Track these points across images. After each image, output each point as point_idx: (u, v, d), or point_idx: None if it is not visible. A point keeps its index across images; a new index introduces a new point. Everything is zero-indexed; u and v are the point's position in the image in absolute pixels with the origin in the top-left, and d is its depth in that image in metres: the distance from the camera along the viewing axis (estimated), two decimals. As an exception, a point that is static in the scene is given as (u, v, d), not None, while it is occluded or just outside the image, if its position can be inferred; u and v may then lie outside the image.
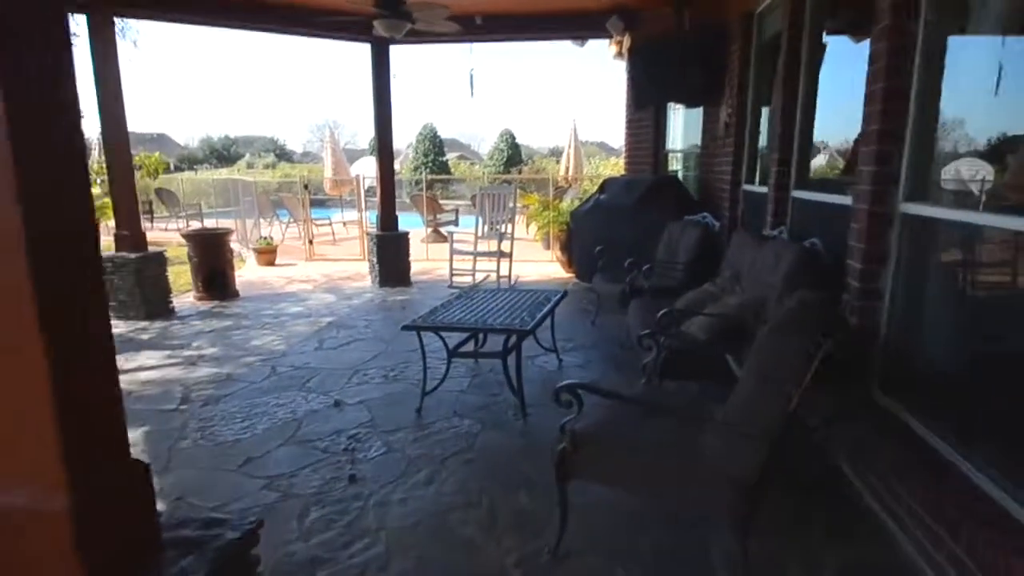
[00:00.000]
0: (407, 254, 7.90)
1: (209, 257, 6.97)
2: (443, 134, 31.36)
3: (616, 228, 6.52)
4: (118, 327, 5.89)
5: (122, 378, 4.36)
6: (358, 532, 2.60)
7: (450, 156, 32.82)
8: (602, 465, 2.16)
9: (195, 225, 14.05)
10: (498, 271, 7.34)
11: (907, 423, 2.50)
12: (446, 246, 7.98)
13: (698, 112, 6.72)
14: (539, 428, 3.61)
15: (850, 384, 2.66)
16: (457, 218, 12.72)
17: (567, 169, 15.41)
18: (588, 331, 5.66)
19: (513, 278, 7.65)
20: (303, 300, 7.04)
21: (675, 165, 8.04)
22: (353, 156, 22.28)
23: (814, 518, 2.55)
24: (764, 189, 4.59)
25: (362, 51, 7.34)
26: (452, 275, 7.51)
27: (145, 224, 13.96)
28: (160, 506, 2.90)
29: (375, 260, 7.73)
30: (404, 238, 7.85)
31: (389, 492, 2.91)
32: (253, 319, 6.17)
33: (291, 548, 2.51)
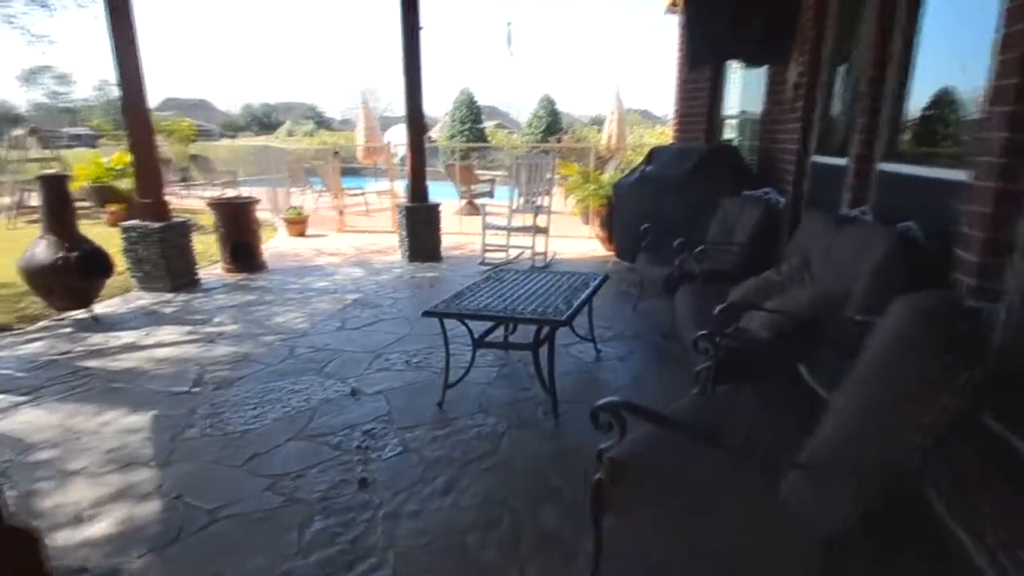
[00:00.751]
0: (438, 227, 7.54)
1: (235, 228, 6.74)
2: (481, 101, 30.70)
3: (664, 203, 6.01)
4: (143, 298, 5.73)
5: (138, 355, 4.16)
6: (364, 550, 2.29)
7: (488, 124, 32.19)
8: (645, 505, 1.78)
9: (230, 193, 13.99)
10: (533, 247, 6.93)
11: None
12: (480, 219, 7.58)
13: (759, 73, 6.07)
14: (571, 429, 3.24)
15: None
16: (493, 189, 12.28)
17: (609, 138, 14.75)
18: (629, 317, 5.23)
19: (549, 255, 7.23)
20: (330, 274, 6.77)
21: (729, 134, 7.42)
22: (389, 124, 21.88)
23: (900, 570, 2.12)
24: (842, 161, 4.01)
25: (393, 5, 6.86)
26: (484, 251, 7.13)
27: (182, 191, 14.05)
28: (157, 504, 2.67)
29: (404, 233, 7.39)
30: (434, 210, 7.48)
31: (402, 502, 2.59)
32: (277, 294, 5.92)
33: (288, 566, 2.21)
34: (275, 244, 8.75)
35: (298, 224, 9.32)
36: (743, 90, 7.01)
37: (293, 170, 12.55)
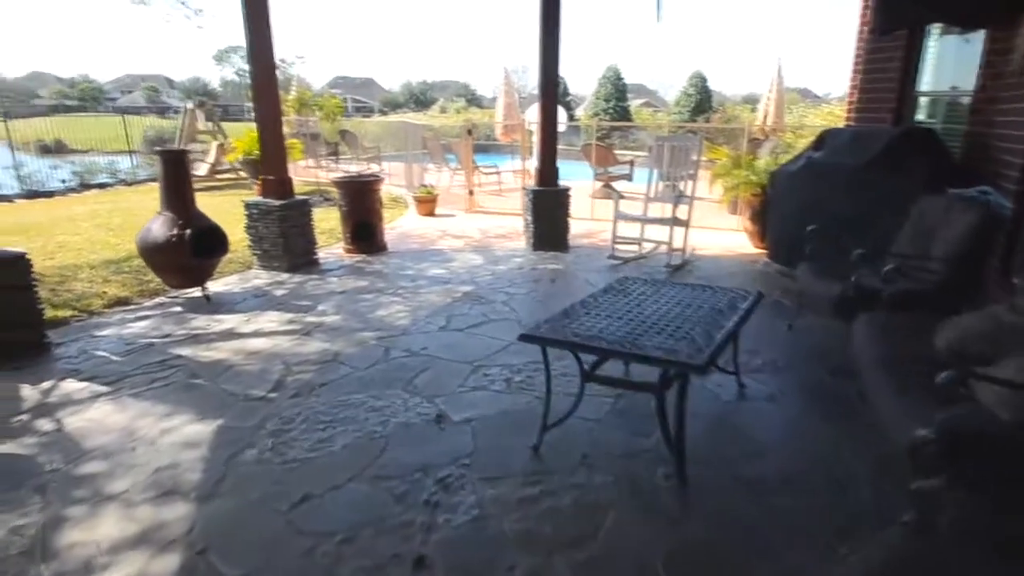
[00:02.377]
0: (566, 213, 6.72)
1: (358, 206, 6.41)
2: (628, 79, 29.07)
3: (836, 199, 4.73)
4: (260, 278, 5.55)
5: (231, 345, 3.76)
6: None
7: (634, 102, 30.47)
8: None
9: (374, 168, 14.14)
10: (670, 242, 5.90)
11: None
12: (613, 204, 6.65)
13: (968, 42, 4.54)
14: (702, 509, 2.35)
15: None
16: (631, 171, 11.18)
17: (765, 117, 12.95)
18: (783, 339, 4.13)
19: (688, 251, 6.16)
20: (448, 260, 6.24)
21: (920, 115, 5.81)
22: (534, 102, 21.12)
23: None
24: None
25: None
26: (615, 243, 6.22)
27: (331, 164, 14.44)
28: (176, 560, 1.93)
29: (530, 219, 6.66)
30: (563, 195, 6.66)
31: (460, 607, 1.89)
32: (389, 280, 5.48)
33: None
34: (402, 223, 8.45)
35: (428, 203, 8.96)
36: (943, 62, 5.39)
37: (431, 147, 12.32)
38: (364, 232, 6.45)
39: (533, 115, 15.23)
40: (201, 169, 11.91)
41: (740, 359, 3.47)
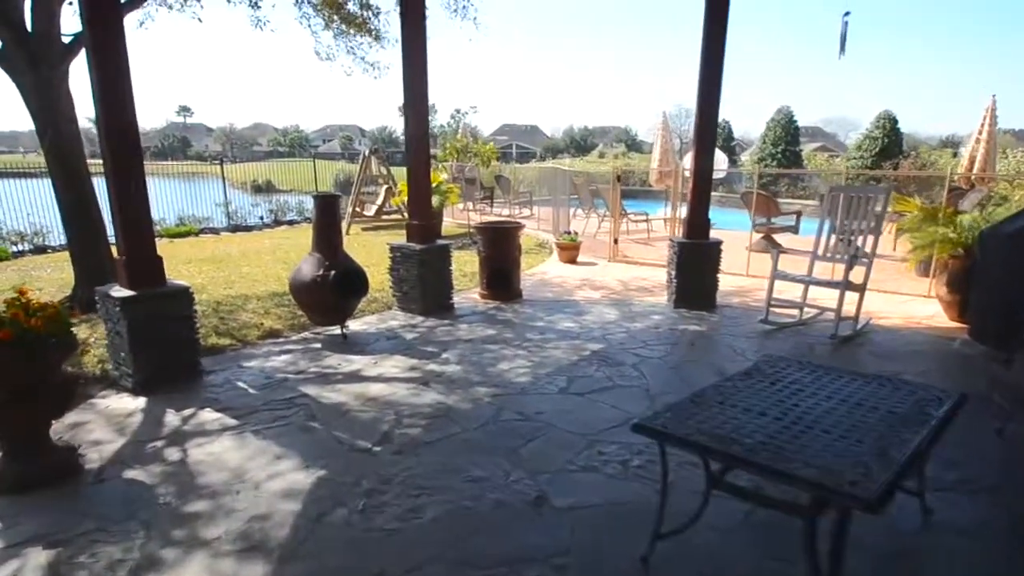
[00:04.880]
0: (715, 269, 6.08)
1: (496, 252, 6.34)
2: (802, 121, 26.98)
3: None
4: (396, 319, 5.64)
5: (353, 388, 3.74)
6: None
7: (807, 147, 28.16)
8: None
9: (525, 212, 14.33)
10: (838, 311, 5.02)
11: None
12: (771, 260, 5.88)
13: None
14: None
15: None
16: (798, 223, 10.07)
17: (972, 163, 11.06)
18: (988, 448, 3.20)
19: (861, 320, 5.21)
20: (581, 313, 5.90)
21: None
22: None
23: None
24: None
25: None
26: (770, 305, 5.46)
27: (484, 208, 14.90)
28: None
29: (673, 273, 6.12)
30: (713, 249, 6.05)
31: None
32: (517, 331, 5.27)
33: None
34: (544, 269, 8.29)
35: (570, 250, 8.73)
36: None
37: (581, 192, 12.18)
38: (500, 278, 6.35)
39: (689, 161, 14.58)
40: (370, 210, 12.86)
41: (927, 472, 2.69)
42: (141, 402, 3.75)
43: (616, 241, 8.97)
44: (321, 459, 3.04)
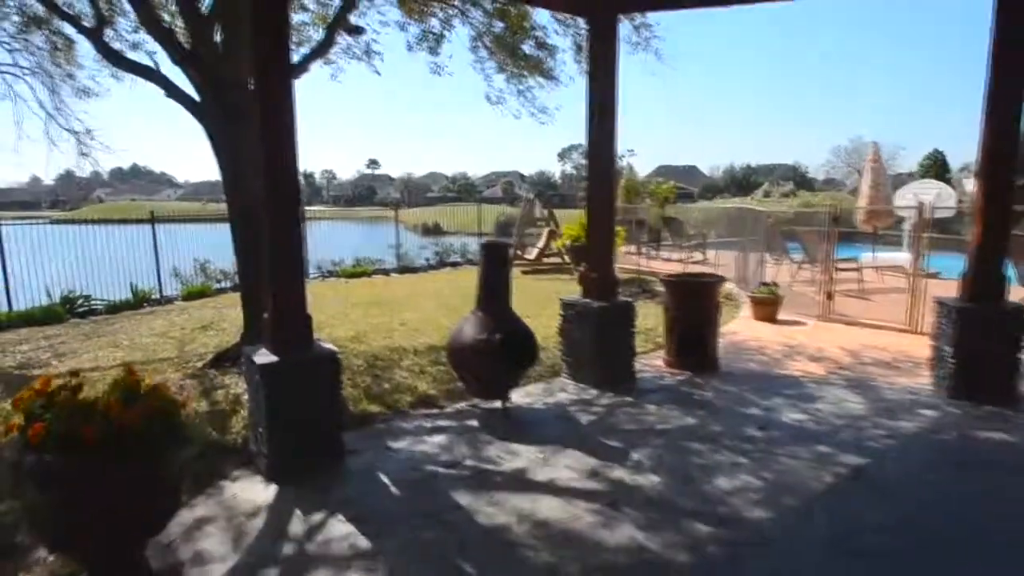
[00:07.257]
0: (1016, 346, 4.19)
1: (687, 311, 5.03)
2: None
3: None
4: (566, 390, 4.54)
5: (517, 503, 1.97)
6: None
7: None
8: None
9: (697, 256, 12.67)
10: None
11: None
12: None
13: None
14: None
15: None
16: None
17: None
18: None
19: None
20: (808, 398, 4.33)
21: None
22: (897, 182, 16.95)
23: None
24: None
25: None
26: None
27: (650, 251, 13.51)
28: None
29: (946, 348, 4.32)
30: (1014, 317, 4.18)
31: None
32: (726, 423, 3.89)
33: None
34: (734, 328, 6.72)
35: (768, 306, 7.07)
36: None
37: (770, 235, 10.34)
38: (692, 344, 5.01)
39: (902, 199, 11.93)
40: (531, 253, 12.17)
41: None
42: (271, 493, 3.01)
43: (830, 296, 7.12)
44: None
